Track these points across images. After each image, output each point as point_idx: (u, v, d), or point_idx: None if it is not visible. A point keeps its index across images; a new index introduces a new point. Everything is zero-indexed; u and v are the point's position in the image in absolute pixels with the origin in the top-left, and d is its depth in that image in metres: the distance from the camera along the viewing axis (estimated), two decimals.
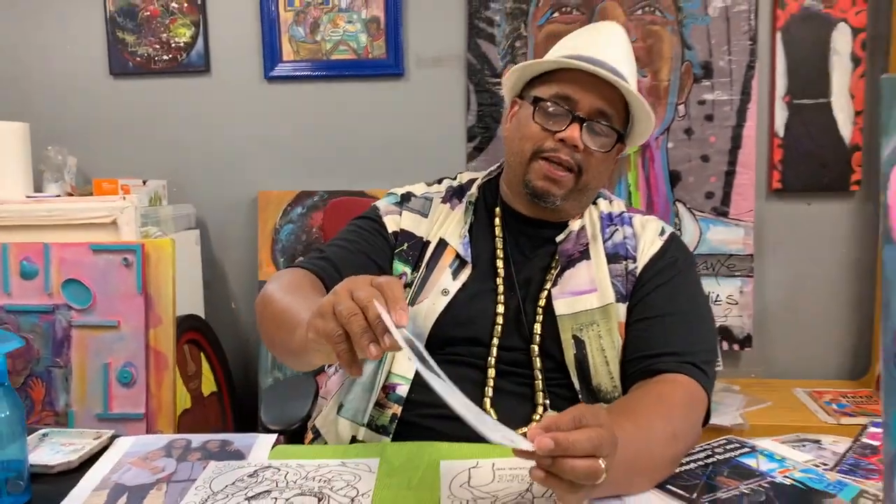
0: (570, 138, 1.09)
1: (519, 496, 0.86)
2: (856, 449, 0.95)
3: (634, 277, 1.14)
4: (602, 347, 1.10)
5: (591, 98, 1.10)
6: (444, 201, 1.23)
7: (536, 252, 1.18)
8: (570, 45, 1.17)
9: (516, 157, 1.16)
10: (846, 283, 2.23)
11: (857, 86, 2.15)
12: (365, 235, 1.19)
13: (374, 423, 1.10)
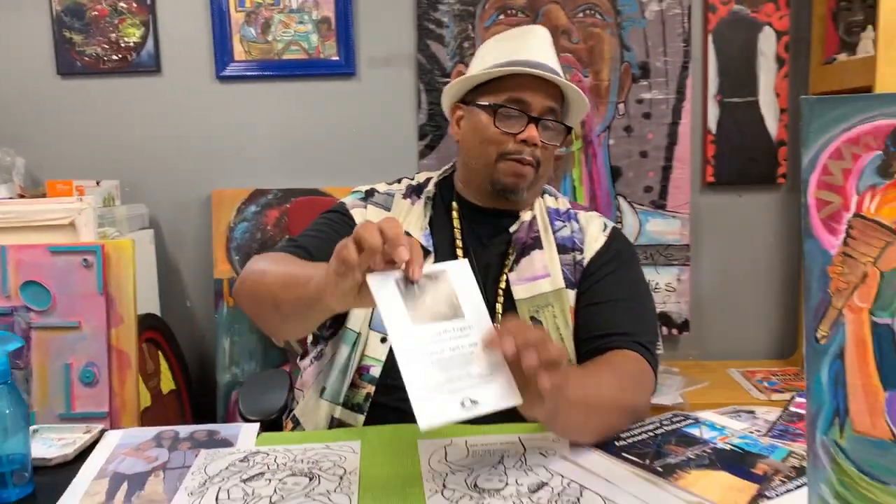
0: (531, 138, 1.21)
1: (492, 467, 0.95)
2: (785, 417, 1.07)
3: (582, 268, 1.26)
4: (557, 326, 1.21)
5: (540, 98, 1.23)
6: (404, 197, 1.32)
7: (492, 240, 1.28)
8: (504, 50, 1.27)
9: (479, 160, 1.26)
10: (774, 270, 2.39)
11: (782, 85, 2.31)
12: (335, 227, 1.27)
13: (350, 401, 1.19)
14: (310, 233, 1.27)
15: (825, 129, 0.68)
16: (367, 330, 1.22)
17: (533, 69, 1.22)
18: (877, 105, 0.67)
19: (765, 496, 0.84)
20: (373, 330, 1.22)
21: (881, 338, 0.66)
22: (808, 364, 0.67)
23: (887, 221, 0.66)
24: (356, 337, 1.22)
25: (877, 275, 0.66)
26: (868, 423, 0.66)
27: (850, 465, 0.67)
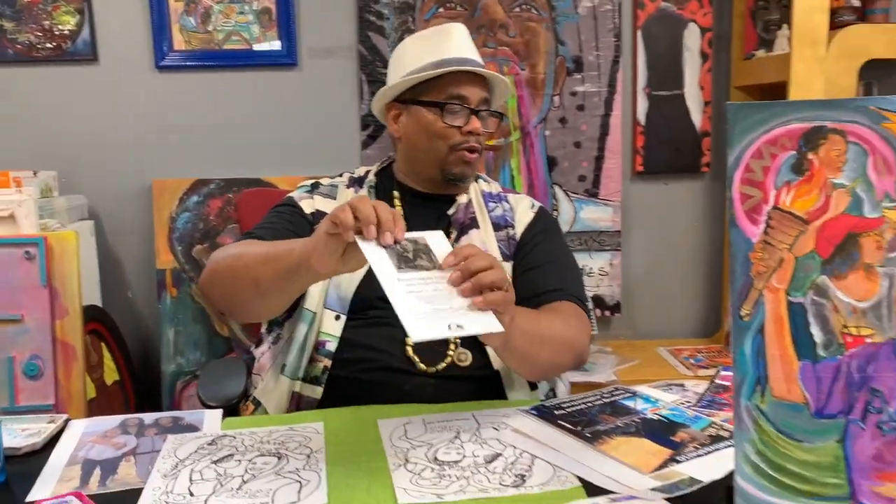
0: (475, 129, 1.35)
1: (449, 441, 1.03)
2: (712, 388, 1.18)
3: (515, 241, 1.41)
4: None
5: (477, 92, 1.37)
6: (348, 187, 1.43)
7: (433, 223, 1.37)
8: (431, 50, 1.38)
9: (430, 153, 1.37)
10: (699, 254, 2.54)
11: (706, 79, 2.44)
12: (286, 217, 1.36)
13: (309, 375, 1.27)
14: (265, 226, 1.34)
15: (747, 132, 0.77)
16: (322, 309, 1.31)
17: (470, 66, 1.35)
18: (791, 111, 0.77)
19: (675, 460, 0.94)
20: (327, 308, 1.31)
21: (795, 314, 0.76)
22: (733, 339, 0.77)
23: (800, 213, 0.76)
24: (313, 316, 1.30)
25: (792, 260, 0.76)
26: (785, 388, 0.76)
27: (770, 426, 0.77)
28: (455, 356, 1.28)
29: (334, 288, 1.31)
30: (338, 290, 1.31)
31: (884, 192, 0.75)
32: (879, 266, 0.75)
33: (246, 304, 1.21)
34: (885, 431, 0.75)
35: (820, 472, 0.75)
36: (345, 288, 1.31)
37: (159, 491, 0.91)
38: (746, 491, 0.77)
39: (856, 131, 0.75)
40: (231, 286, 1.18)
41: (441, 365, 1.27)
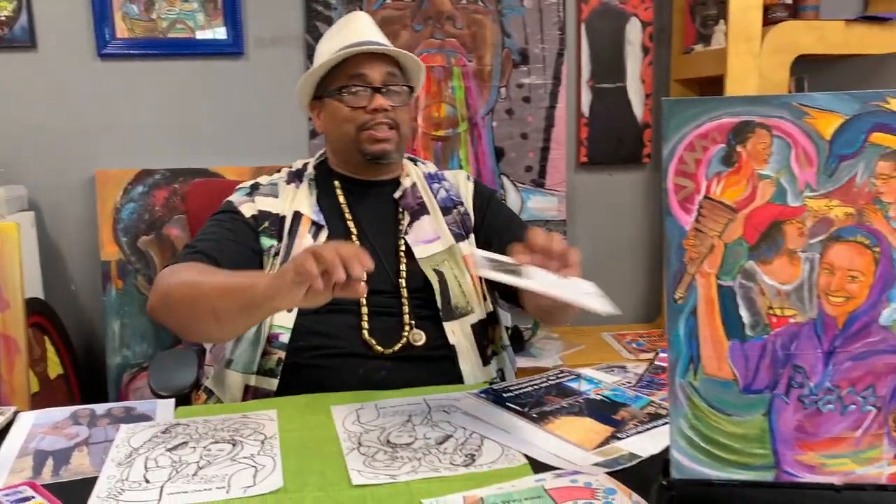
0: (379, 106, 1.36)
1: (401, 425, 1.06)
2: (651, 370, 1.24)
3: (469, 217, 1.46)
4: (455, 275, 1.38)
5: (377, 68, 1.38)
6: (288, 183, 1.44)
7: (379, 208, 1.43)
8: (335, 43, 1.41)
9: (342, 139, 1.40)
10: (641, 242, 2.62)
11: (647, 72, 2.51)
12: (227, 225, 1.36)
13: (263, 368, 1.28)
14: (206, 238, 1.34)
15: (681, 126, 0.81)
16: None
17: (360, 47, 1.37)
18: (721, 106, 0.82)
19: (616, 437, 1.00)
20: None
21: (725, 297, 0.81)
22: (668, 321, 0.82)
23: (729, 202, 0.81)
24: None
25: (721, 246, 0.81)
26: (715, 366, 0.82)
27: (702, 401, 0.82)
28: (410, 336, 1.31)
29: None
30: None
31: (805, 183, 0.81)
32: (801, 251, 0.80)
33: (204, 332, 1.23)
34: (806, 405, 0.81)
35: (747, 443, 0.81)
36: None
37: (114, 479, 0.92)
38: (681, 462, 0.82)
39: (780, 126, 0.81)
40: (187, 315, 1.17)
41: (397, 346, 1.30)
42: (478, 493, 0.86)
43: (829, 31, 2.18)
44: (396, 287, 1.35)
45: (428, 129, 2.41)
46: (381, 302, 1.33)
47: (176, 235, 2.32)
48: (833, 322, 0.80)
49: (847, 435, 0.80)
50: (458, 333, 1.34)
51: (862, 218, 0.79)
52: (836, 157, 0.80)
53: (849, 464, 0.80)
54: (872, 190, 0.79)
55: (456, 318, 1.35)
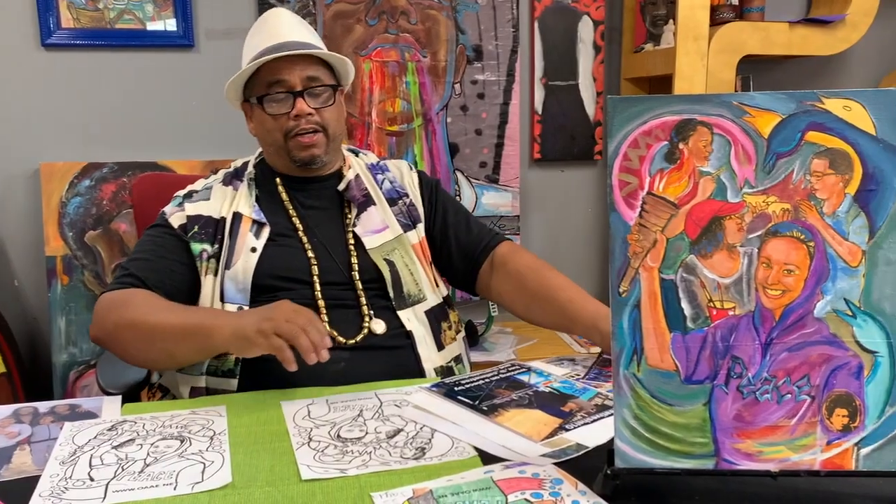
0: (301, 111, 1.34)
1: (352, 419, 1.06)
2: (599, 362, 1.27)
3: (416, 208, 1.48)
4: (406, 263, 1.40)
5: (297, 72, 1.35)
6: (224, 184, 1.42)
7: (324, 202, 1.43)
8: (255, 44, 1.40)
9: (273, 146, 1.39)
10: (592, 236, 2.66)
11: (598, 70, 2.55)
12: (158, 241, 1.36)
13: (220, 370, 1.26)
14: (140, 257, 1.35)
15: (625, 123, 0.83)
16: (220, 304, 1.31)
17: (278, 52, 1.33)
18: (664, 104, 0.84)
19: (564, 428, 1.02)
20: (226, 303, 1.31)
21: (667, 290, 0.83)
22: (612, 314, 0.84)
23: (671, 198, 0.83)
24: None
25: (664, 240, 0.83)
26: (658, 358, 0.84)
27: (646, 392, 0.84)
28: (370, 326, 1.33)
29: (231, 282, 1.31)
30: (234, 282, 1.31)
31: (744, 179, 0.83)
32: (740, 246, 0.83)
33: (157, 367, 1.28)
34: (744, 395, 0.83)
35: (689, 432, 0.83)
36: (242, 279, 1.31)
37: (57, 477, 0.90)
38: (625, 452, 0.84)
39: (720, 124, 0.83)
40: (140, 355, 1.24)
41: (358, 337, 1.31)
42: (427, 485, 0.87)
43: (774, 32, 2.24)
44: (350, 279, 1.36)
45: (382, 123, 2.41)
46: (336, 294, 1.34)
47: (124, 230, 2.28)
48: (770, 314, 0.83)
49: (783, 423, 0.83)
50: (414, 320, 1.36)
51: (798, 214, 0.82)
52: (774, 154, 0.83)
53: (784, 451, 0.83)
54: (808, 187, 0.82)
55: (409, 306, 1.37)
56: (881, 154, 0.81)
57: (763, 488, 0.85)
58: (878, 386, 0.82)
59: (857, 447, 0.82)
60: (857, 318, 0.82)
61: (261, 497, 0.86)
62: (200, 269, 1.33)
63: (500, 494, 0.84)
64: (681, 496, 0.84)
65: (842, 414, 0.82)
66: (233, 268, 1.31)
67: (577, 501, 0.83)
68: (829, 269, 0.82)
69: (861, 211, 0.82)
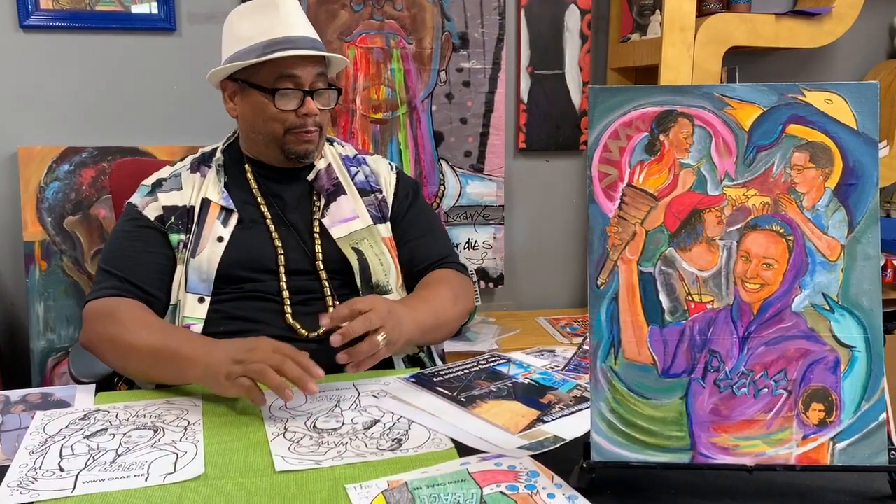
0: (310, 111, 1.34)
1: (329, 410, 1.05)
2: (579, 354, 1.26)
3: (387, 205, 1.46)
4: (375, 254, 1.38)
5: (309, 70, 1.34)
6: (192, 171, 1.41)
7: (292, 191, 1.41)
8: (261, 26, 1.34)
9: (267, 135, 1.36)
10: (576, 227, 2.65)
11: (585, 59, 2.54)
12: (136, 235, 1.34)
13: None
14: (121, 255, 1.32)
15: (606, 114, 0.82)
16: (185, 294, 1.30)
17: (296, 46, 1.32)
18: (645, 95, 0.83)
19: (542, 420, 1.01)
20: (190, 293, 1.30)
21: (645, 283, 0.83)
22: (590, 306, 0.83)
23: (651, 190, 0.83)
24: (175, 307, 1.31)
25: (643, 233, 0.83)
26: (635, 351, 0.83)
27: (623, 385, 0.83)
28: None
29: (194, 272, 1.30)
30: (199, 272, 1.30)
31: (725, 172, 0.83)
32: (719, 239, 0.82)
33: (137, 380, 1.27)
34: (721, 389, 0.83)
35: (665, 426, 0.83)
36: (206, 269, 1.30)
37: (27, 467, 0.88)
38: (601, 445, 0.83)
39: (702, 116, 0.82)
40: (119, 367, 1.25)
41: (321, 329, 1.28)
42: (402, 477, 0.86)
43: (760, 24, 2.24)
44: (314, 269, 1.35)
45: (366, 111, 2.39)
46: (302, 285, 1.33)
47: (104, 216, 2.25)
48: (748, 308, 0.82)
49: (760, 417, 0.83)
50: None
51: (777, 207, 0.82)
52: (755, 147, 0.82)
53: (760, 445, 0.82)
54: (788, 180, 0.82)
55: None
56: (862, 148, 0.81)
57: (739, 482, 0.84)
58: (854, 381, 0.82)
59: (833, 442, 0.82)
60: (834, 313, 0.82)
61: (233, 488, 0.85)
62: (178, 259, 1.32)
63: (476, 487, 0.84)
64: (657, 490, 0.84)
65: (818, 409, 0.82)
66: (197, 257, 1.31)
67: (552, 494, 0.82)
68: (807, 263, 0.82)
69: (841, 205, 0.81)
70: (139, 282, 1.28)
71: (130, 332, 1.19)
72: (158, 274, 1.30)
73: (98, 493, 0.83)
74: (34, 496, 0.82)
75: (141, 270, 1.29)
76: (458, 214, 2.47)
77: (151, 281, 1.29)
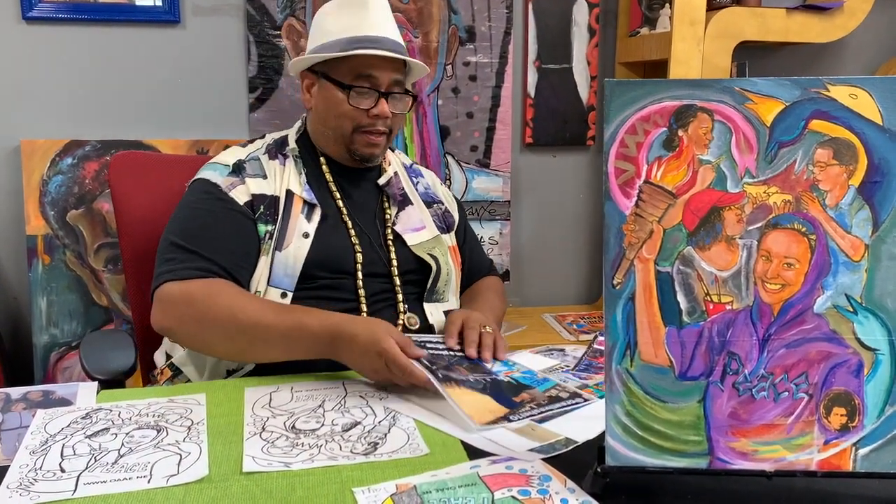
0: (383, 113, 1.33)
1: (312, 410, 1.03)
2: (589, 353, 1.24)
3: (451, 216, 1.52)
4: (445, 262, 1.41)
5: (387, 73, 1.34)
6: (271, 158, 1.37)
7: (365, 192, 1.41)
8: (348, 23, 1.33)
9: (336, 131, 1.35)
10: (584, 224, 2.63)
11: (593, 54, 2.51)
12: (222, 216, 1.27)
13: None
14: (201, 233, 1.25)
15: (623, 108, 0.80)
16: (266, 286, 1.27)
17: (382, 50, 1.31)
18: (663, 89, 0.80)
19: (508, 419, 0.99)
20: (272, 286, 1.27)
21: (663, 283, 0.80)
22: (606, 306, 0.80)
23: (669, 187, 0.80)
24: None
25: (660, 231, 0.80)
26: (652, 353, 0.81)
27: (638, 388, 0.81)
28: (406, 320, 1.33)
29: (280, 265, 1.26)
30: (284, 267, 1.27)
31: (745, 169, 0.80)
32: (739, 238, 0.80)
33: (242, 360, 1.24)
34: (740, 392, 0.81)
35: (682, 430, 0.81)
36: (292, 264, 1.27)
37: (27, 468, 0.86)
38: (616, 449, 0.81)
39: (721, 110, 0.80)
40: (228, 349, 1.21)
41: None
42: (411, 480, 0.84)
43: (771, 18, 2.21)
44: (388, 273, 1.36)
45: None
46: (375, 288, 1.33)
47: (108, 210, 2.23)
48: (769, 309, 0.80)
49: (780, 422, 0.80)
50: (436, 314, 1.37)
51: (799, 205, 0.79)
52: (776, 143, 0.80)
53: (780, 450, 0.80)
54: (810, 177, 0.79)
55: (433, 302, 1.39)
56: (888, 144, 0.78)
57: (757, 488, 0.82)
58: (878, 385, 0.79)
59: (856, 447, 0.79)
60: (858, 315, 0.79)
61: (238, 491, 0.83)
62: (262, 251, 1.27)
63: (487, 491, 0.82)
64: (673, 495, 0.82)
65: (840, 413, 0.79)
66: (284, 250, 1.27)
67: (565, 499, 0.80)
68: (830, 263, 0.79)
69: (865, 203, 0.79)
70: (229, 266, 1.23)
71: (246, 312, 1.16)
72: (246, 263, 1.25)
73: (99, 496, 0.81)
74: (34, 498, 0.81)
75: (231, 256, 1.24)
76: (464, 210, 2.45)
77: (240, 268, 1.24)
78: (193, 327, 1.19)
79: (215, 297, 1.18)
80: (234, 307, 1.17)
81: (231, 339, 1.17)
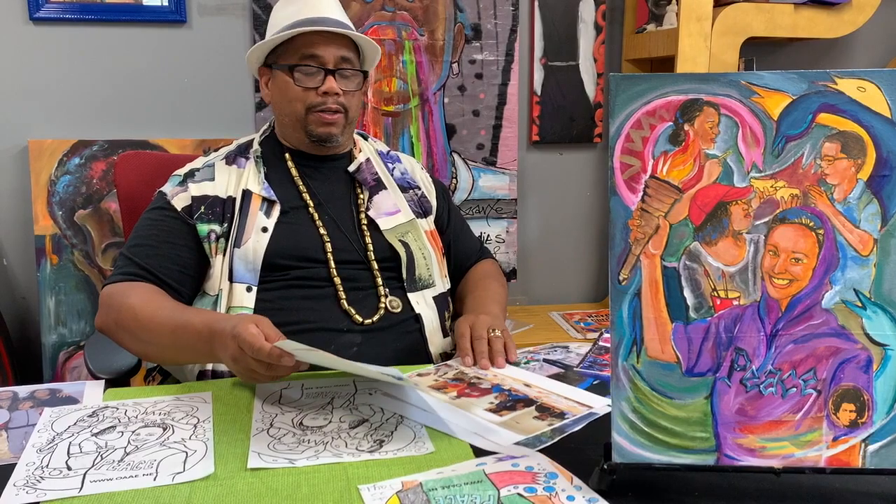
0: (330, 89, 1.33)
1: (321, 407, 1.03)
2: (594, 350, 1.23)
3: (428, 201, 1.49)
4: (420, 247, 1.40)
5: (332, 50, 1.34)
6: (227, 163, 1.39)
7: (334, 182, 1.41)
8: (292, 12, 1.36)
9: (290, 117, 1.37)
10: (590, 221, 2.62)
11: (599, 51, 2.50)
12: (161, 225, 1.32)
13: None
14: (143, 243, 1.31)
15: (628, 103, 0.79)
16: (229, 284, 1.28)
17: (318, 26, 1.33)
18: (669, 83, 0.80)
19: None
20: (236, 282, 1.28)
21: (669, 279, 0.80)
22: (611, 302, 0.80)
23: (675, 182, 0.80)
24: (216, 297, 1.29)
25: (667, 226, 0.80)
26: (659, 349, 0.80)
27: (645, 384, 0.81)
28: (387, 304, 1.33)
29: (240, 261, 1.28)
30: (245, 262, 1.28)
31: (752, 163, 0.79)
32: (746, 233, 0.79)
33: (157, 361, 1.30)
34: (748, 388, 0.80)
35: (689, 426, 0.80)
36: (252, 259, 1.29)
37: (34, 466, 0.87)
38: (622, 446, 0.81)
39: (728, 104, 0.79)
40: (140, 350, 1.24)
41: (375, 316, 1.30)
42: (417, 477, 0.84)
43: (778, 13, 2.19)
44: (365, 259, 1.36)
45: (378, 104, 2.36)
46: (351, 274, 1.33)
47: (115, 210, 2.23)
48: (776, 305, 0.79)
49: (787, 418, 0.80)
50: (423, 304, 1.37)
51: (807, 199, 0.79)
52: (783, 137, 0.79)
53: (788, 447, 0.79)
54: (818, 171, 0.79)
55: (419, 290, 1.38)
56: None
57: (765, 484, 0.82)
58: (887, 380, 0.78)
59: (865, 444, 0.79)
60: (866, 310, 0.78)
61: (244, 488, 0.83)
62: (209, 251, 1.29)
63: (493, 488, 0.81)
64: (680, 492, 0.81)
65: (849, 409, 0.79)
66: (243, 247, 1.29)
67: (572, 497, 0.80)
68: (838, 257, 0.79)
69: (874, 197, 0.78)
70: (156, 270, 1.27)
71: (144, 311, 1.18)
72: (177, 266, 1.28)
73: (106, 493, 0.81)
74: (41, 496, 0.81)
75: (159, 260, 1.28)
76: (471, 208, 2.45)
77: (168, 271, 1.27)
78: (112, 328, 1.23)
79: (124, 299, 1.22)
80: (136, 307, 1.19)
81: (136, 339, 1.21)
